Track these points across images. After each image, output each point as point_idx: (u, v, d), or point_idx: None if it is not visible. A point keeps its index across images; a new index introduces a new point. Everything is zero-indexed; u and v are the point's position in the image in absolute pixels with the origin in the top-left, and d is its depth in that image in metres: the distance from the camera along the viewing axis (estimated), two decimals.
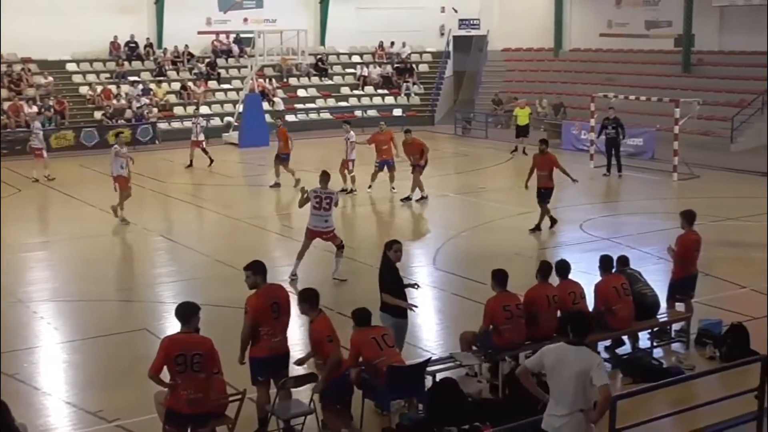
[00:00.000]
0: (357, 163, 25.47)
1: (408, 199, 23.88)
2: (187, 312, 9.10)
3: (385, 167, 24.83)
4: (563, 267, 12.35)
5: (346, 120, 28.72)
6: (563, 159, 31.45)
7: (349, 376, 10.08)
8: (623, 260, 13.40)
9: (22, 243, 19.83)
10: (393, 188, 24.93)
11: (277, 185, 26.30)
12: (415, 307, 12.23)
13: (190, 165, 30.84)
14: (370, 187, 25.02)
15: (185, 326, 9.06)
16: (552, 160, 20.58)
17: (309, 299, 9.99)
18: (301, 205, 16.97)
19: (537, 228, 20.34)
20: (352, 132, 25.56)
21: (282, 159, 26.46)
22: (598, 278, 12.64)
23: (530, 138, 32.93)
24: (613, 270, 12.80)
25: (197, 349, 8.95)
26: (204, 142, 31.30)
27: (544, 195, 20.31)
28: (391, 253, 11.76)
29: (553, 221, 20.50)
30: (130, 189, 21.78)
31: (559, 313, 11.98)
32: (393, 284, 11.78)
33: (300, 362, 10.51)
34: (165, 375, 9.01)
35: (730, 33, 38.16)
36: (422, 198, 23.92)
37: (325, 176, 16.88)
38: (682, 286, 13.43)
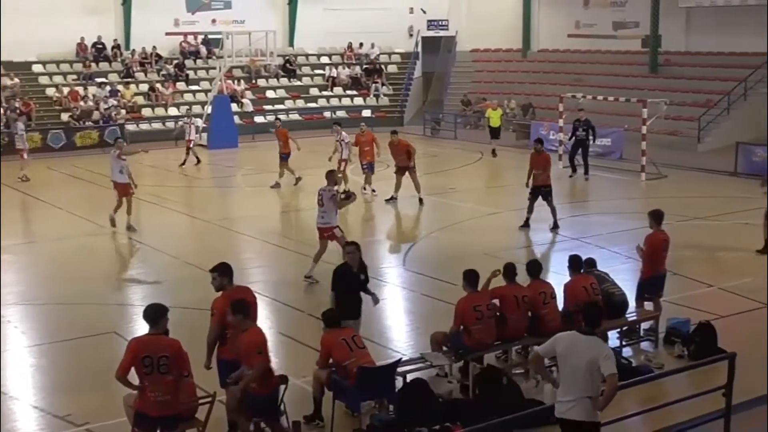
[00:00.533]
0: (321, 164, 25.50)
1: (421, 201, 23.65)
2: (155, 313, 9.03)
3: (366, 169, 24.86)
4: (534, 267, 12.39)
5: (337, 121, 28.40)
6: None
7: (278, 392, 9.75)
8: (590, 262, 13.47)
9: None
10: (364, 190, 24.92)
11: (277, 185, 26.42)
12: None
13: (198, 162, 31.48)
14: (373, 190, 24.95)
15: (153, 328, 9.00)
16: (548, 158, 20.84)
17: (242, 310, 9.66)
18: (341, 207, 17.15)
19: (555, 225, 20.47)
20: (344, 132, 25.34)
21: (281, 159, 26.50)
22: (568, 278, 12.68)
23: (501, 139, 33.10)
24: (582, 270, 12.85)
25: (164, 350, 8.89)
26: (193, 142, 31.61)
27: (545, 193, 20.43)
28: (344, 254, 11.69)
29: (527, 223, 20.60)
30: (132, 195, 21.09)
31: (530, 313, 12.03)
32: (342, 287, 11.71)
33: (234, 381, 9.73)
34: (135, 378, 8.96)
35: (697, 34, 38.50)
36: (392, 198, 23.89)
37: (328, 174, 17.03)
38: (650, 285, 13.50)
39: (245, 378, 9.51)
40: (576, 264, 12.71)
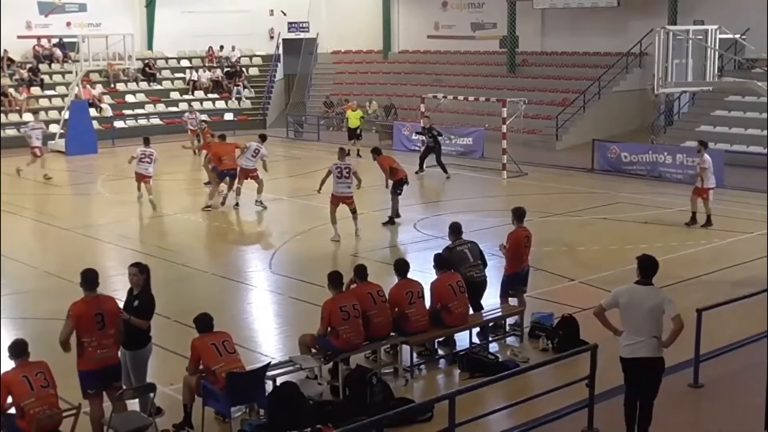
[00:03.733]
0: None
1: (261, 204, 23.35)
2: None
3: (228, 178, 23.84)
4: (402, 266, 12.49)
5: (263, 135, 26.03)
6: (395, 159, 31.96)
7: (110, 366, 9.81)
8: (455, 228, 13.62)
9: None
10: (237, 204, 24.31)
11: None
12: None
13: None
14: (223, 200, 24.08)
15: None
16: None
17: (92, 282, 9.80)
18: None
19: (397, 215, 21.37)
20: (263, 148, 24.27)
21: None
22: (434, 277, 12.80)
23: (364, 140, 33.17)
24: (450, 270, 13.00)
25: None
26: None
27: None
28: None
29: (393, 221, 21.26)
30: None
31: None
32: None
33: None
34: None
35: (552, 34, 39.63)
36: (261, 205, 23.59)
37: (341, 151, 20.78)
38: (514, 281, 13.76)
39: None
40: (442, 263, 12.85)
